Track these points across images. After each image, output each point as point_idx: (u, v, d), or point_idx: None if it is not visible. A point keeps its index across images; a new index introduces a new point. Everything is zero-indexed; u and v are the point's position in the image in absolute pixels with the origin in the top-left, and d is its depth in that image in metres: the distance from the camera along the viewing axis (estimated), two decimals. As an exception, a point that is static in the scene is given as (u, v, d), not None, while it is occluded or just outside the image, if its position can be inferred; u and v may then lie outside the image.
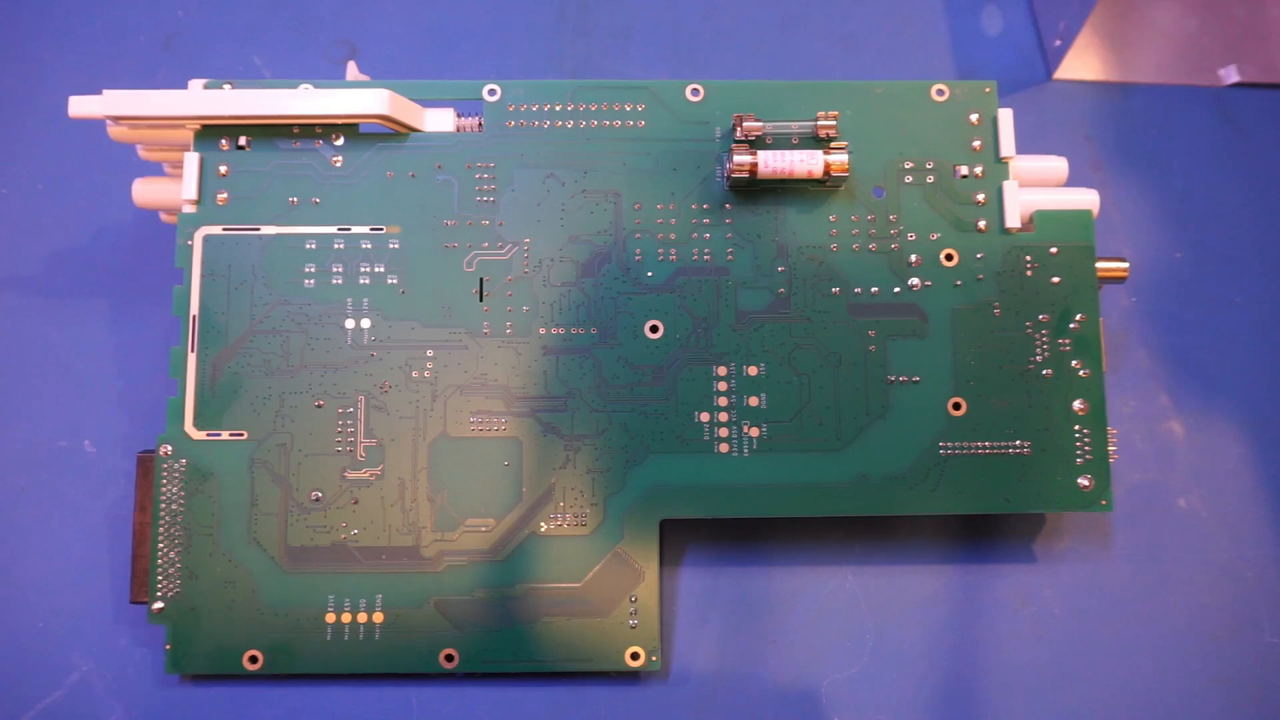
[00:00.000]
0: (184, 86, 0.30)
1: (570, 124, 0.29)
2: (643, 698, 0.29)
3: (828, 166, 0.28)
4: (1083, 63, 0.36)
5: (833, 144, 0.29)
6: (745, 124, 0.29)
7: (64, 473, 0.30)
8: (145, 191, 0.30)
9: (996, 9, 0.37)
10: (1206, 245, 0.34)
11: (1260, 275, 0.33)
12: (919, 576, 0.30)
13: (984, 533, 0.31)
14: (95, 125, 0.30)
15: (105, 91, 0.28)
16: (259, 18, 0.36)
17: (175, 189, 0.30)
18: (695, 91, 0.29)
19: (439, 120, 0.30)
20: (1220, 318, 0.33)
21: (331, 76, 0.35)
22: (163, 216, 0.31)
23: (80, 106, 0.28)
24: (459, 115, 0.30)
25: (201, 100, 0.28)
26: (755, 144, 0.29)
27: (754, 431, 0.28)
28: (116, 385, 0.31)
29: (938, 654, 0.29)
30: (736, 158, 0.28)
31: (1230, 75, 0.35)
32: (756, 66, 0.36)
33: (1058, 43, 0.35)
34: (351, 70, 0.30)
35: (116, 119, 0.28)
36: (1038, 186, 0.30)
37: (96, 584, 0.30)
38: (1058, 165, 0.31)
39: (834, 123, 0.29)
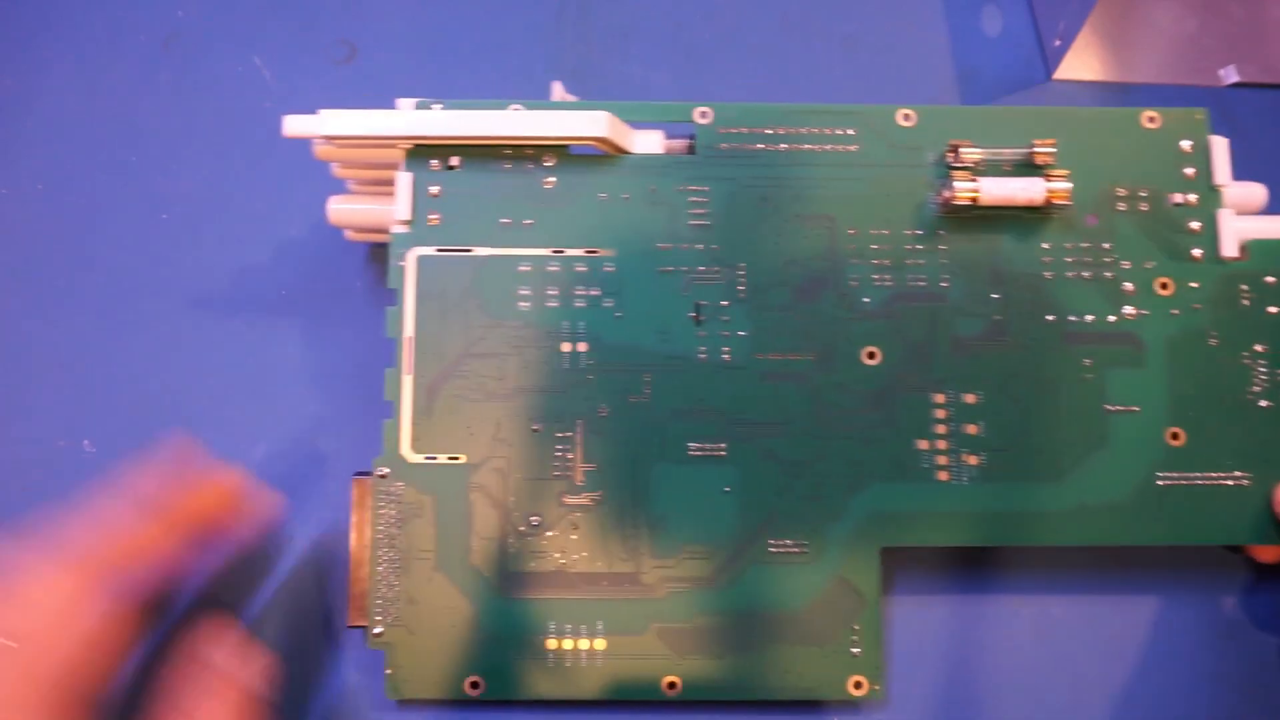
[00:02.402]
0: (184, 86, 0.32)
1: (782, 147, 0.31)
2: (865, 727, 0.31)
3: (1049, 195, 0.30)
4: (1082, 63, 0.38)
5: (1051, 171, 0.31)
6: (962, 150, 0.31)
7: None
8: (340, 211, 0.32)
9: (996, 9, 0.39)
10: None
11: None
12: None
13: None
14: (98, 131, 0.32)
15: (321, 111, 0.30)
16: (259, 18, 0.38)
17: (368, 208, 0.32)
18: (907, 117, 0.31)
19: (647, 142, 0.31)
20: None
21: (332, 77, 0.37)
22: (347, 234, 0.33)
23: (295, 126, 0.30)
24: (666, 137, 0.31)
25: (416, 121, 0.30)
26: (971, 170, 0.31)
27: (973, 459, 0.30)
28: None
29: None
30: (959, 185, 0.30)
31: (1230, 75, 0.38)
32: (756, 67, 0.38)
33: (1057, 43, 0.38)
34: (557, 90, 0.32)
35: (330, 139, 0.30)
36: (1246, 215, 0.32)
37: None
38: (1256, 192, 0.33)
39: (1052, 150, 0.31)
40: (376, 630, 0.29)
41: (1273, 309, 0.31)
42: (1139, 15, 0.38)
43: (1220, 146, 0.32)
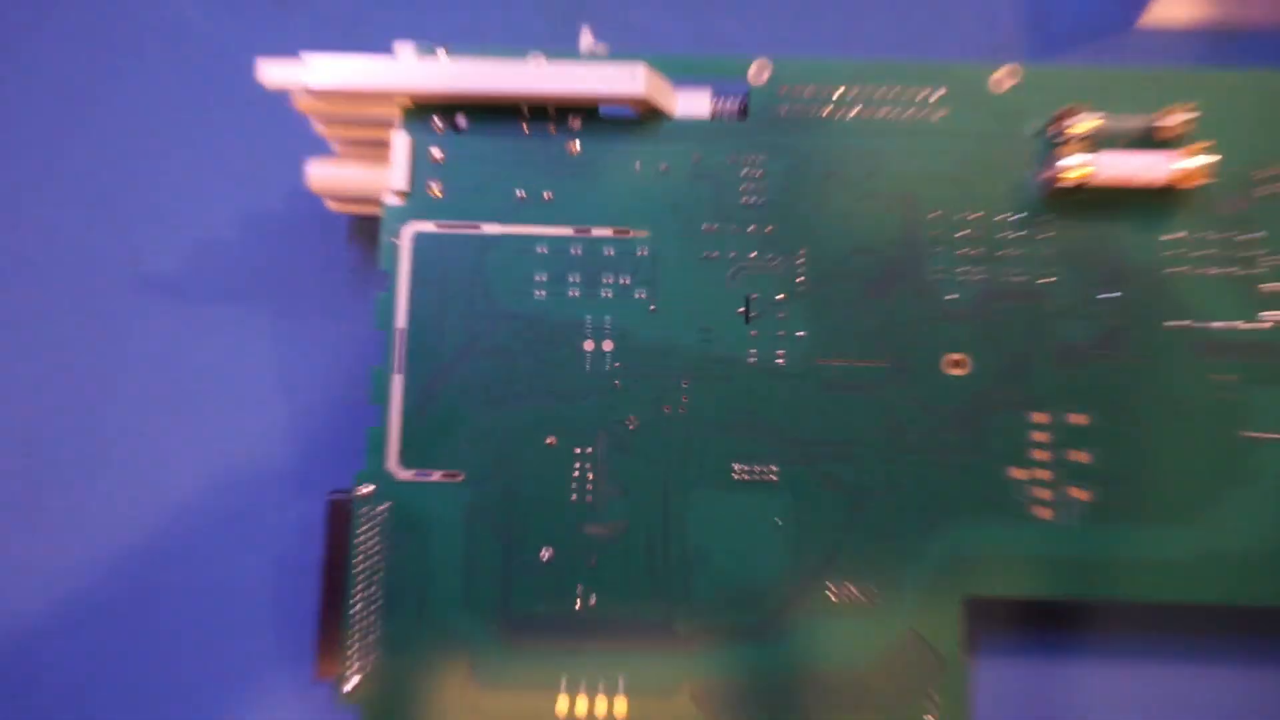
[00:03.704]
0: (99, 35, 0.29)
1: (854, 112, 0.28)
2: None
3: (1180, 174, 0.26)
4: (1177, 3, 0.33)
5: (1185, 146, 0.27)
6: (1075, 118, 0.27)
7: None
8: (322, 175, 0.29)
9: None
10: None
11: None
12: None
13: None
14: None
15: (303, 54, 0.27)
16: None
17: (356, 174, 0.29)
18: (1009, 75, 0.28)
19: (692, 103, 0.28)
20: None
21: (272, 19, 0.33)
22: (329, 204, 0.30)
23: (273, 74, 0.27)
24: (715, 98, 0.28)
25: (416, 71, 0.27)
26: (1083, 144, 0.27)
27: (1080, 494, 0.26)
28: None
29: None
30: (1068, 160, 0.27)
31: None
32: (786, 13, 0.33)
33: None
34: (586, 39, 0.29)
35: (314, 90, 0.27)
36: None
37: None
38: None
39: (1187, 119, 0.27)
40: (351, 684, 0.26)
41: None
42: None
43: (1393, 120, 0.28)
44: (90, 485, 0.30)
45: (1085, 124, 0.27)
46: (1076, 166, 0.27)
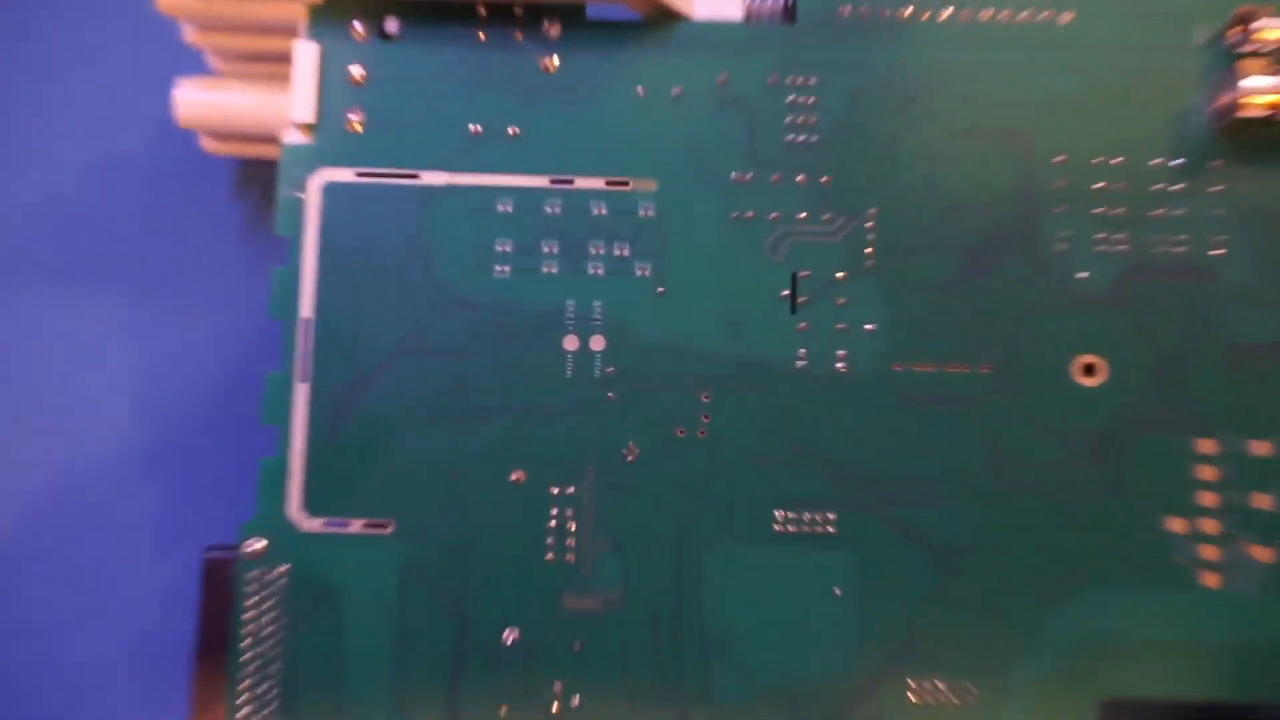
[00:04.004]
0: None
1: (945, 14, 0.22)
2: None
3: None
4: None
5: None
6: (1261, 22, 0.21)
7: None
8: (195, 104, 0.24)
9: None
10: None
11: None
12: None
13: None
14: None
15: None
16: None
17: (242, 100, 0.24)
18: (1161, -32, 0.22)
19: (718, 2, 0.22)
20: None
21: None
22: (205, 142, 0.25)
23: (125, -43, 0.21)
24: None
25: None
26: (1273, 57, 0.21)
27: (1264, 554, 0.21)
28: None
29: None
30: (1251, 81, 0.21)
31: None
32: None
33: None
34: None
35: None
36: None
37: None
38: None
39: None
40: (238, 814, 0.20)
41: None
42: None
43: None
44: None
45: (1276, 30, 0.21)
46: (1263, 91, 0.21)
